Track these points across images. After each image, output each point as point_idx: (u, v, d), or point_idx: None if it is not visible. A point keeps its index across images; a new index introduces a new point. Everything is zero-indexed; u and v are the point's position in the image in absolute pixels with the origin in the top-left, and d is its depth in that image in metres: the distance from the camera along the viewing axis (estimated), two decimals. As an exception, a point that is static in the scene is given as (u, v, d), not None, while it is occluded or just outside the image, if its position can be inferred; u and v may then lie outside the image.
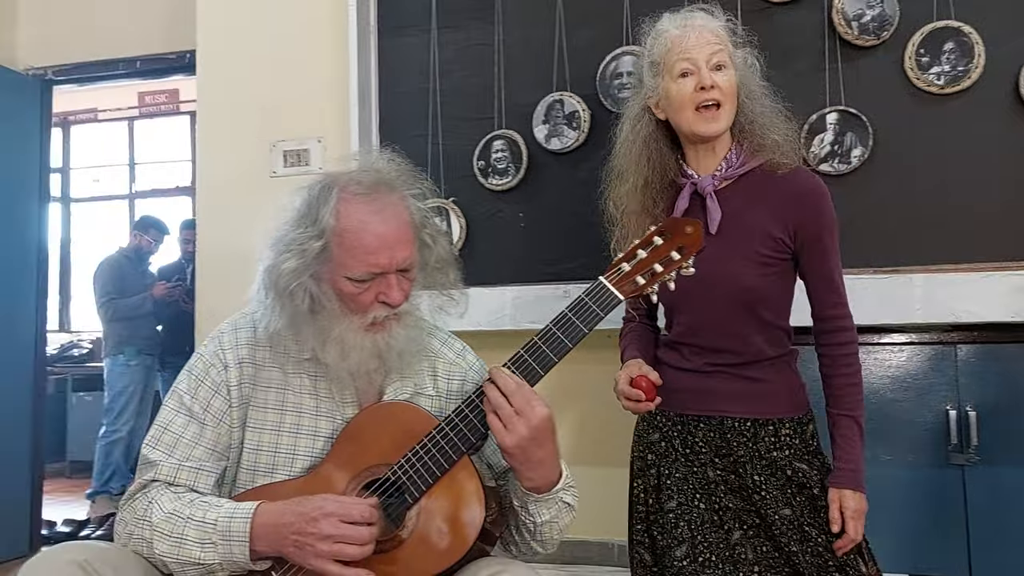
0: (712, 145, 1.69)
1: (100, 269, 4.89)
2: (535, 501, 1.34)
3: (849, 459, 1.63)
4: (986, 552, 2.24)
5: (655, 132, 1.73)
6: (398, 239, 1.35)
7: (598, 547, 2.71)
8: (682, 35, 1.66)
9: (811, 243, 1.65)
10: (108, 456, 4.71)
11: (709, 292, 1.64)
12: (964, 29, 2.37)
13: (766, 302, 1.67)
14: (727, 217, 1.66)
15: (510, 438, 1.27)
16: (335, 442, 1.38)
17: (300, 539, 1.23)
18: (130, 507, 1.34)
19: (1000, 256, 2.35)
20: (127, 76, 4.04)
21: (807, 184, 1.67)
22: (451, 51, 2.90)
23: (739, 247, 1.64)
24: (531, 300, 2.71)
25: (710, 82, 1.62)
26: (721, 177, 1.68)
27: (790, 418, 1.68)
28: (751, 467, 1.65)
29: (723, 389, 1.68)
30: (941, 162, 2.42)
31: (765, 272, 1.65)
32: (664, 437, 1.73)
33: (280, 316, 1.37)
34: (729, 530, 1.64)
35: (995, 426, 2.27)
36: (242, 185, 3.17)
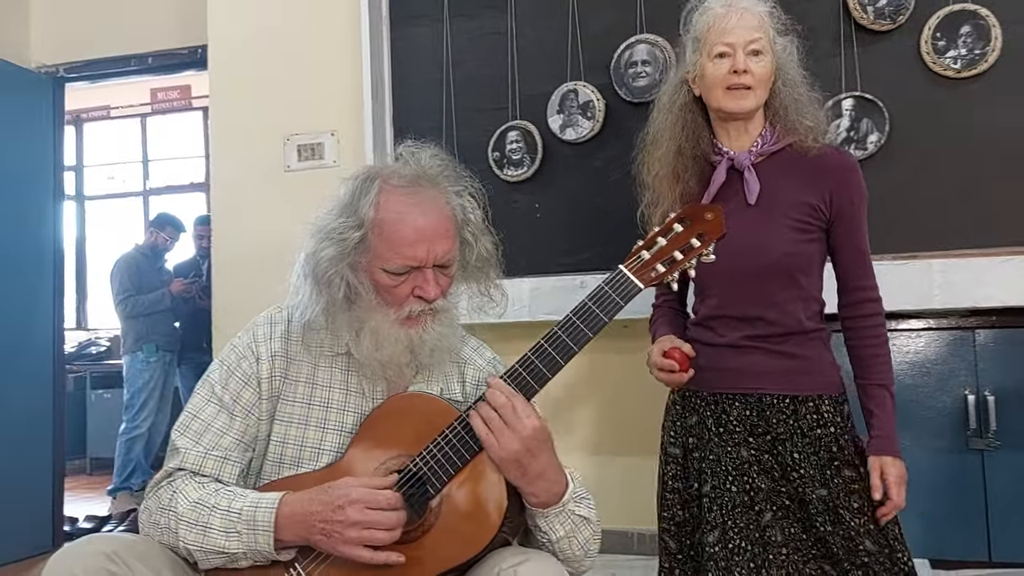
0: (744, 124, 1.72)
1: (117, 266, 4.92)
2: (544, 517, 1.33)
3: (885, 427, 1.65)
4: (1006, 536, 2.24)
5: (691, 104, 1.76)
6: (436, 233, 1.35)
7: (618, 536, 2.71)
8: (725, 15, 1.68)
9: (845, 214, 1.68)
10: (129, 452, 4.75)
11: (748, 261, 1.66)
12: (981, 12, 2.36)
13: (804, 269, 1.69)
14: (764, 189, 1.68)
15: (501, 452, 1.27)
16: (357, 433, 1.39)
17: (328, 527, 1.24)
18: (155, 496, 1.35)
19: (1018, 240, 2.34)
20: (139, 72, 4.05)
21: (840, 158, 1.72)
22: (464, 41, 2.90)
23: (777, 215, 1.67)
24: (548, 291, 2.71)
25: (743, 66, 1.64)
26: (757, 152, 1.71)
27: (829, 396, 1.69)
28: (791, 444, 1.65)
29: (760, 366, 1.68)
30: (958, 147, 2.40)
31: (802, 238, 1.67)
32: (701, 419, 1.73)
33: (316, 303, 1.37)
34: (760, 511, 1.64)
35: (1014, 411, 2.26)
36: (256, 180, 3.18)
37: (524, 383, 1.32)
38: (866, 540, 1.61)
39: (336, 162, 3.07)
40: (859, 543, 1.60)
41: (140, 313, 4.83)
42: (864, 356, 1.70)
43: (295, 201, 2.96)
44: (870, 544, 1.61)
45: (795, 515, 1.64)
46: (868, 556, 1.60)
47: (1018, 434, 2.26)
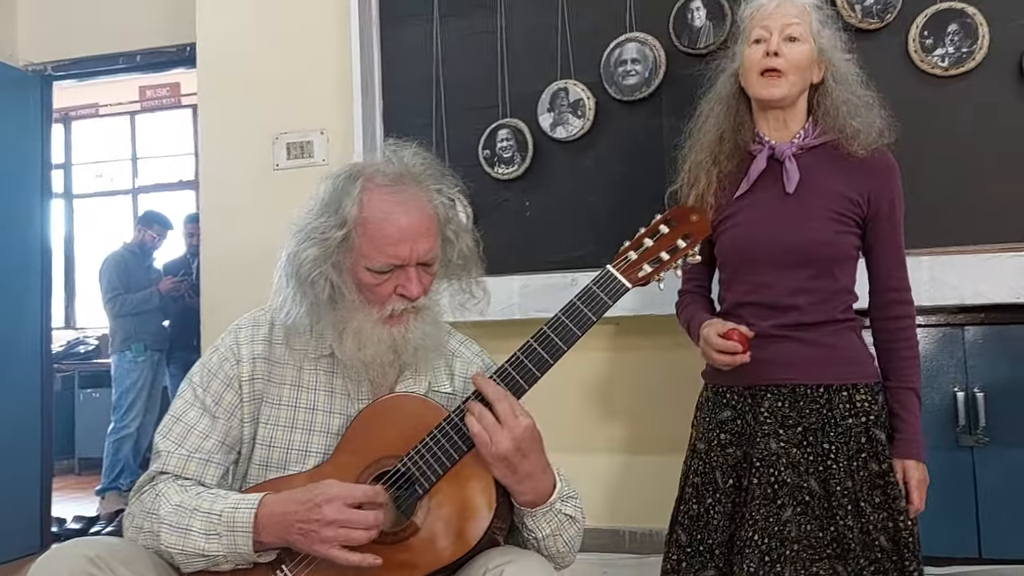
0: (784, 116, 1.74)
1: (105, 265, 4.90)
2: (531, 515, 1.33)
3: (911, 431, 1.68)
4: (996, 533, 2.25)
5: (736, 93, 1.78)
6: (420, 232, 1.35)
7: (610, 534, 2.71)
8: (766, 3, 1.72)
9: (885, 213, 1.71)
10: (117, 452, 4.74)
11: (784, 249, 1.68)
12: (967, 10, 2.36)
13: (837, 259, 1.70)
14: (803, 179, 1.70)
15: (493, 449, 1.26)
16: (344, 435, 1.39)
17: (305, 526, 1.23)
18: (138, 500, 1.35)
19: (1007, 238, 2.35)
20: (127, 71, 4.03)
21: (882, 158, 1.74)
22: (454, 40, 2.89)
23: (814, 205, 1.69)
24: (538, 289, 2.71)
25: (775, 49, 1.67)
26: (798, 145, 1.73)
27: (865, 384, 1.69)
28: (822, 435, 1.66)
29: (793, 355, 1.68)
30: (947, 144, 2.41)
31: (839, 230, 1.69)
32: (738, 414, 1.73)
33: (301, 304, 1.37)
34: (782, 506, 1.64)
35: (1003, 407, 2.27)
36: (246, 178, 3.17)
37: (514, 382, 1.33)
38: (882, 536, 1.63)
39: (325, 160, 3.06)
40: (876, 538, 1.62)
41: (128, 312, 4.81)
42: (895, 358, 1.72)
43: (284, 199, 2.95)
44: (885, 541, 1.62)
45: (814, 512, 1.64)
46: (882, 552, 1.62)
47: (1007, 430, 2.27)
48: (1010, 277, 2.29)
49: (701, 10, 2.60)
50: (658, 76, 2.63)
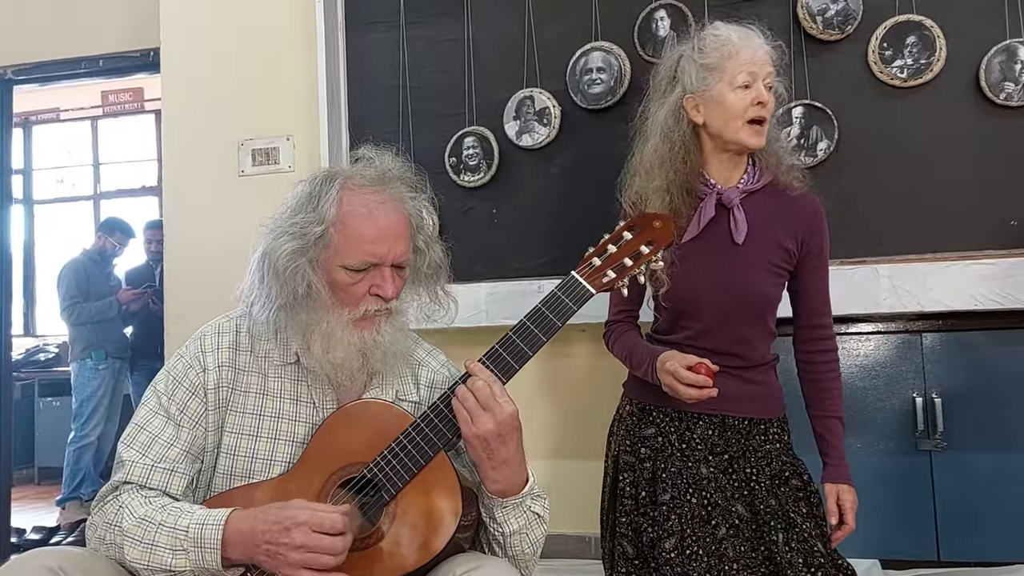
0: (740, 159, 1.76)
1: (64, 272, 4.81)
2: (501, 507, 1.34)
3: (839, 455, 1.76)
4: (954, 536, 2.29)
5: (690, 135, 1.74)
6: (397, 233, 1.37)
7: (575, 540, 2.72)
8: (747, 47, 1.70)
9: (815, 257, 1.76)
10: (78, 462, 4.65)
11: (730, 299, 1.72)
12: (926, 23, 2.41)
13: (772, 308, 1.76)
14: (748, 229, 1.72)
15: (474, 429, 1.28)
16: (310, 442, 1.38)
17: (272, 547, 1.22)
18: (101, 511, 1.33)
19: (964, 246, 2.40)
20: (90, 75, 3.97)
21: (815, 205, 1.78)
22: (420, 47, 2.89)
23: (760, 258, 1.72)
24: (505, 296, 2.71)
25: (766, 98, 1.69)
26: (743, 189, 1.74)
27: (777, 417, 1.78)
28: (744, 461, 1.72)
29: (730, 390, 1.71)
30: (905, 154, 2.46)
31: (776, 282, 1.75)
32: (661, 432, 1.77)
33: (276, 299, 1.36)
34: (716, 526, 1.67)
35: (960, 412, 2.31)
36: (210, 184, 3.14)
37: (479, 387, 1.33)
38: (818, 542, 1.67)
39: (291, 167, 3.05)
40: (813, 545, 1.66)
41: (87, 321, 4.73)
42: (821, 389, 1.79)
43: (249, 206, 2.93)
44: (821, 546, 1.67)
45: (744, 534, 1.68)
46: (823, 557, 1.65)
47: (965, 435, 2.31)
48: (967, 285, 2.34)
49: (665, 20, 2.63)
50: (623, 85, 2.65)
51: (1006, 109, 2.39)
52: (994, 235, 2.39)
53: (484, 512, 1.36)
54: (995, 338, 2.35)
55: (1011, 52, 2.37)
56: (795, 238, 1.74)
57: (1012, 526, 2.25)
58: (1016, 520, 2.25)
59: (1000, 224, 2.39)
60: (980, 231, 2.40)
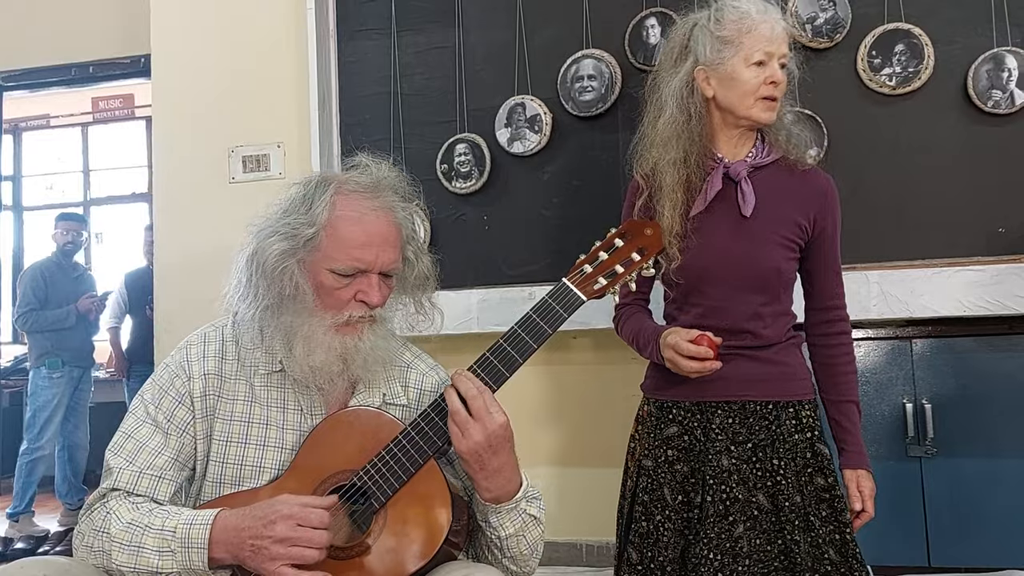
0: (750, 134, 1.74)
1: (24, 277, 4.65)
2: (495, 512, 1.33)
3: (856, 441, 1.71)
4: (943, 541, 2.29)
5: (703, 106, 1.71)
6: (387, 240, 1.37)
7: (566, 547, 2.72)
8: (765, 22, 1.66)
9: (828, 235, 1.73)
10: (30, 474, 4.44)
11: (739, 273, 1.67)
12: (914, 31, 2.43)
13: (786, 284, 1.72)
14: (757, 202, 1.69)
15: (465, 443, 1.27)
16: (299, 450, 1.37)
17: (256, 543, 1.22)
18: (88, 518, 1.32)
19: (954, 252, 2.41)
20: (80, 82, 3.97)
21: (827, 180, 1.75)
22: (412, 55, 2.90)
23: (768, 230, 1.68)
24: (496, 303, 2.71)
25: (779, 77, 1.67)
26: (751, 163, 1.71)
27: (808, 400, 1.71)
28: (771, 451, 1.66)
29: (743, 373, 1.68)
30: (894, 161, 2.47)
31: (789, 255, 1.70)
32: (685, 430, 1.72)
33: (263, 299, 1.36)
34: (734, 522, 1.64)
35: (950, 418, 2.32)
36: (200, 191, 3.14)
37: (470, 395, 1.33)
38: (830, 549, 1.63)
39: (282, 174, 3.04)
40: (824, 551, 1.63)
41: (42, 329, 4.55)
42: (836, 372, 1.74)
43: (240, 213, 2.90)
44: (834, 554, 1.63)
45: (762, 525, 1.65)
46: (831, 565, 1.62)
47: (954, 441, 2.32)
48: (956, 291, 2.35)
49: (656, 27, 2.64)
50: (614, 92, 2.66)
51: (993, 117, 2.41)
52: (982, 242, 2.40)
53: (479, 516, 1.36)
54: (984, 344, 2.35)
55: (998, 60, 2.39)
56: (807, 214, 1.70)
57: (1002, 531, 2.25)
58: (1006, 525, 2.25)
59: (988, 231, 2.40)
60: (968, 238, 2.41)
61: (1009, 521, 2.25)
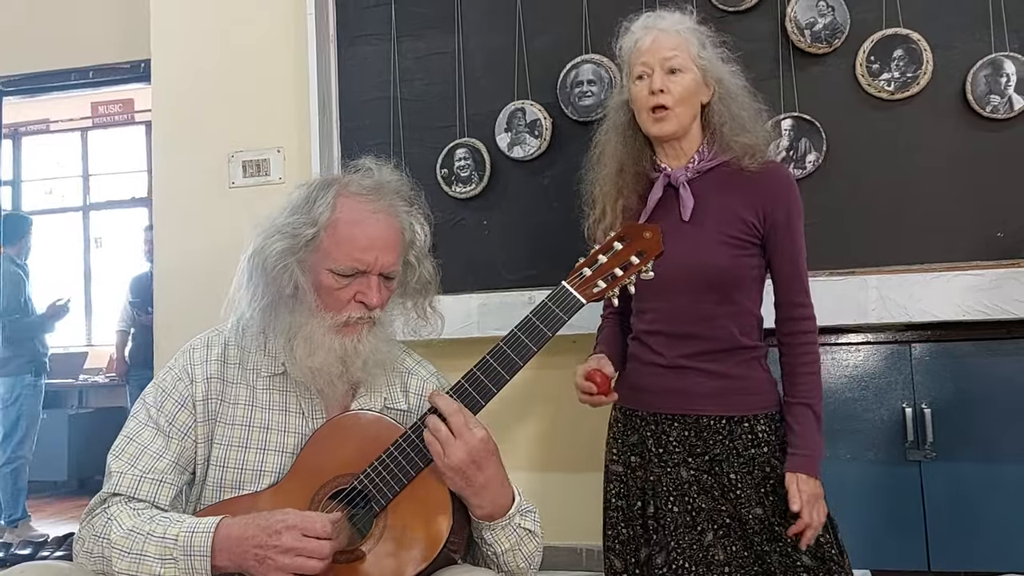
0: (679, 144, 1.74)
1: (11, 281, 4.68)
2: (489, 529, 1.34)
3: (803, 444, 1.65)
4: (943, 545, 2.29)
5: (631, 123, 1.78)
6: (387, 243, 1.38)
7: (566, 552, 2.72)
8: (642, 37, 1.72)
9: (781, 226, 1.70)
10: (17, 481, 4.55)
11: (682, 276, 1.67)
12: (912, 36, 2.44)
13: (737, 283, 1.70)
14: (699, 204, 1.70)
15: (448, 460, 1.27)
16: (300, 453, 1.38)
17: (261, 552, 1.22)
18: (89, 524, 1.32)
19: (953, 257, 2.41)
20: (80, 87, 3.97)
21: (777, 172, 1.74)
22: (411, 60, 2.90)
23: (711, 230, 1.69)
24: (496, 307, 2.71)
25: (659, 86, 1.67)
26: (693, 169, 1.73)
27: (764, 414, 1.70)
28: (727, 465, 1.66)
29: (698, 387, 1.69)
30: (893, 166, 2.47)
31: (736, 254, 1.69)
32: (642, 438, 1.74)
33: (262, 298, 1.37)
34: (702, 531, 1.65)
35: (950, 422, 2.32)
36: (200, 196, 3.13)
37: (470, 397, 1.33)
38: (803, 556, 1.63)
39: (282, 179, 3.04)
40: (796, 559, 1.62)
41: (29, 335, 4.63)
42: (792, 373, 1.71)
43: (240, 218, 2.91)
44: (807, 559, 1.63)
45: (735, 533, 1.65)
46: (806, 571, 1.62)
47: (954, 445, 2.32)
48: (956, 295, 2.35)
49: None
50: (611, 97, 2.65)
51: (992, 122, 2.41)
52: (981, 246, 2.40)
53: (474, 533, 1.36)
54: (983, 348, 2.36)
55: (997, 65, 2.39)
56: (754, 209, 1.69)
57: (1002, 535, 2.25)
58: (1006, 529, 2.25)
59: (987, 236, 2.40)
60: (967, 242, 2.41)
61: (1009, 525, 2.25)
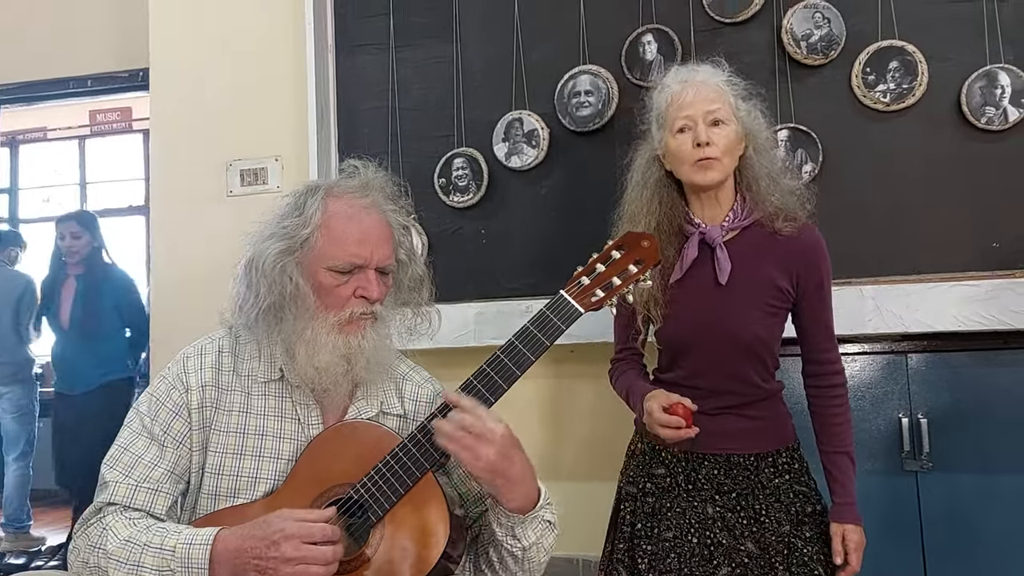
0: (716, 195, 1.74)
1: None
2: (521, 523, 1.33)
3: (847, 494, 1.72)
4: (941, 557, 2.29)
5: (664, 179, 1.78)
6: (381, 236, 1.39)
7: (563, 563, 2.71)
8: (681, 91, 1.71)
9: (813, 293, 1.74)
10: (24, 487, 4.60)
11: (719, 341, 1.70)
12: (908, 48, 2.45)
13: (769, 348, 1.74)
14: (735, 268, 1.70)
15: (481, 464, 1.27)
16: (297, 462, 1.37)
17: (261, 563, 1.21)
18: (84, 534, 1.32)
19: (947, 268, 2.42)
20: (78, 95, 3.97)
21: (811, 238, 1.75)
22: (409, 69, 2.91)
23: (748, 298, 1.71)
24: (493, 316, 2.71)
25: (705, 138, 1.66)
26: (728, 228, 1.73)
27: (785, 447, 1.76)
28: (753, 498, 1.70)
29: (731, 429, 1.73)
30: (888, 177, 2.48)
31: (771, 323, 1.73)
32: (670, 473, 1.76)
33: (265, 300, 1.37)
34: (717, 565, 1.67)
35: (946, 433, 2.32)
36: (198, 205, 3.13)
37: (467, 406, 1.33)
38: (819, 567, 1.66)
39: (280, 188, 3.04)
40: (813, 569, 1.65)
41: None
42: (829, 424, 1.76)
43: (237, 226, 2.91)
44: (822, 571, 1.66)
45: (752, 572, 1.67)
46: None
47: (950, 456, 2.32)
48: (952, 306, 2.35)
49: (652, 44, 2.66)
50: (611, 108, 2.67)
51: (987, 133, 2.42)
52: (977, 257, 2.41)
53: (500, 530, 1.35)
54: (979, 359, 2.36)
55: (991, 77, 2.41)
56: (789, 276, 1.72)
57: (998, 546, 2.25)
58: (1002, 540, 2.25)
59: (983, 246, 2.41)
60: (963, 253, 2.42)
61: (1005, 535, 2.25)
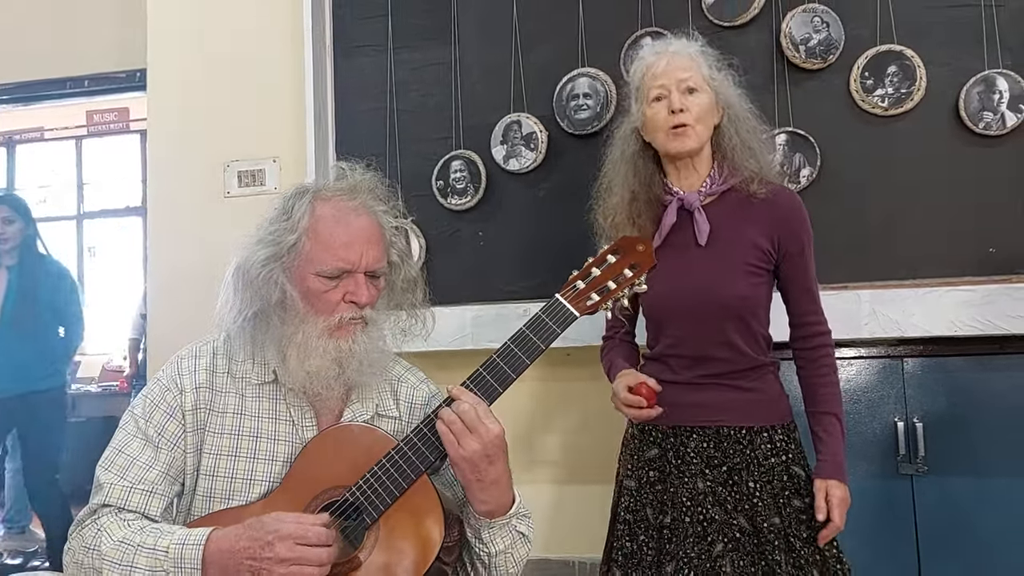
0: (692, 163, 1.77)
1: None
2: (489, 527, 1.34)
3: (832, 452, 1.72)
4: (935, 561, 2.29)
5: (641, 151, 1.81)
6: (370, 238, 1.38)
7: (560, 565, 2.71)
8: (656, 61, 1.76)
9: (794, 255, 1.75)
10: None
11: (701, 303, 1.71)
12: (906, 53, 2.45)
13: (755, 311, 1.75)
14: (714, 230, 1.73)
15: (461, 451, 1.28)
16: (292, 465, 1.37)
17: (255, 564, 1.21)
18: (79, 535, 1.32)
19: (943, 272, 2.42)
20: (75, 95, 3.96)
21: (790, 200, 1.78)
22: (408, 71, 2.91)
23: (729, 258, 1.72)
24: (491, 319, 2.71)
25: (679, 105, 1.70)
26: (706, 193, 1.76)
27: (782, 424, 1.76)
28: (747, 474, 1.70)
29: (717, 400, 1.73)
30: (886, 181, 2.49)
31: (754, 282, 1.73)
32: (663, 451, 1.76)
33: (251, 306, 1.37)
34: (712, 542, 1.67)
35: (941, 437, 2.32)
36: (195, 205, 3.13)
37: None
38: (814, 570, 1.66)
39: (277, 189, 3.04)
40: (808, 572, 1.65)
41: None
42: (814, 385, 1.78)
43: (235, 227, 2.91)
44: (817, 574, 1.66)
45: (745, 547, 1.67)
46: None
47: (945, 460, 2.32)
48: (947, 310, 2.36)
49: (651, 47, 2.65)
50: (609, 111, 2.67)
51: (984, 138, 2.43)
52: (973, 262, 2.41)
53: (470, 532, 1.36)
54: (975, 363, 2.36)
55: (989, 82, 2.41)
56: (770, 237, 1.74)
57: (993, 549, 2.25)
58: (997, 544, 2.25)
59: (979, 251, 2.42)
60: (959, 258, 2.42)
61: (1000, 539, 2.25)
